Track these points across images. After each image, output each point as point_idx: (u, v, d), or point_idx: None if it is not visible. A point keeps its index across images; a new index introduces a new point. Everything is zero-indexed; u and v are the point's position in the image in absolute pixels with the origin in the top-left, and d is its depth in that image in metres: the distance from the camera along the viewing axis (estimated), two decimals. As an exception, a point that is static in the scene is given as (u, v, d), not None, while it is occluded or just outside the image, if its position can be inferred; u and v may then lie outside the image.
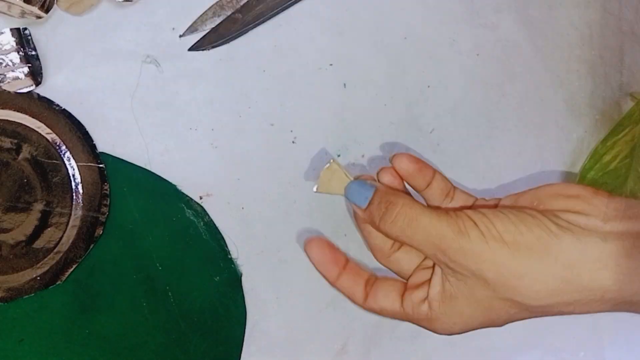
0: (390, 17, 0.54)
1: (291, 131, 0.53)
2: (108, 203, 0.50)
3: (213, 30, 0.51)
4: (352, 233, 0.54)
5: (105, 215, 0.50)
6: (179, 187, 0.51)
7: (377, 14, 0.54)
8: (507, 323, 0.40)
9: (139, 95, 0.51)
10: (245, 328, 0.52)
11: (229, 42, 0.51)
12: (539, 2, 0.56)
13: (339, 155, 0.53)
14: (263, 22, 0.51)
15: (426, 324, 0.41)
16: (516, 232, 0.37)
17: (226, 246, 0.52)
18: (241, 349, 0.52)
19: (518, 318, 0.39)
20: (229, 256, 0.52)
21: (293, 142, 0.53)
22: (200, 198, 0.52)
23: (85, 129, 0.50)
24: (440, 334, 0.41)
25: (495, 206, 0.43)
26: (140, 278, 0.50)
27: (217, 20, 0.51)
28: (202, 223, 0.51)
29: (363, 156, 0.54)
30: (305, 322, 0.53)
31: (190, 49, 0.51)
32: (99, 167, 0.50)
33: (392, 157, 0.44)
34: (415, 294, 0.41)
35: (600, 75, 0.57)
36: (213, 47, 0.51)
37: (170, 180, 0.51)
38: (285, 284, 0.53)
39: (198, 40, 0.51)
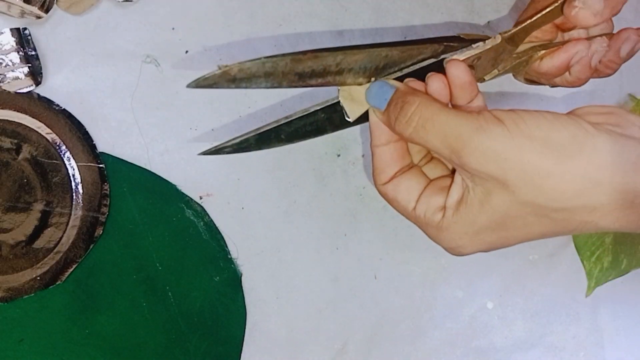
0: (390, 17, 0.54)
1: (291, 131, 0.53)
2: (108, 203, 0.50)
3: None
4: (352, 233, 0.54)
5: (105, 215, 0.50)
6: (179, 187, 0.51)
7: (377, 14, 0.54)
8: (520, 241, 0.37)
9: (139, 95, 0.51)
10: (245, 328, 0.52)
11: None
12: (539, 2, 0.56)
13: (339, 155, 0.53)
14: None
15: (434, 232, 0.38)
16: (550, 129, 0.34)
17: (226, 246, 0.52)
18: (241, 349, 0.52)
19: (534, 231, 0.36)
20: (229, 256, 0.52)
21: (293, 142, 0.53)
22: (200, 198, 0.52)
23: (85, 129, 0.50)
24: (446, 247, 0.39)
25: None
26: (140, 278, 0.50)
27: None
28: (202, 223, 0.51)
29: (363, 156, 0.54)
30: (305, 322, 0.53)
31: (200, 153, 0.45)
32: (99, 167, 0.50)
33: (448, 62, 0.40)
34: (434, 199, 0.38)
35: (600, 75, 0.57)
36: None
37: (170, 180, 0.51)
38: (285, 284, 0.53)
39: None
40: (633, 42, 0.45)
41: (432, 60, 0.41)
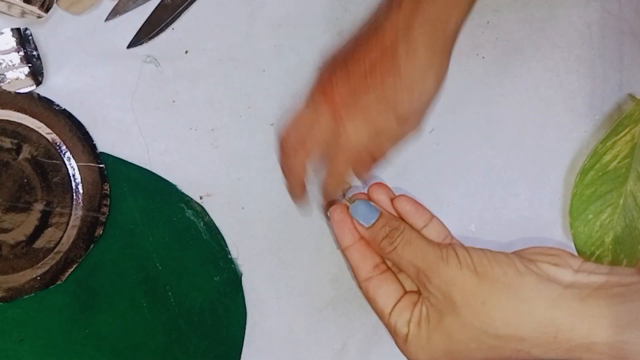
0: (390, 17, 0.54)
1: (291, 131, 0.53)
2: (108, 203, 0.50)
3: (146, 22, 0.50)
4: (352, 233, 0.54)
5: (105, 215, 0.50)
6: (179, 187, 0.51)
7: (377, 14, 0.54)
8: None
9: (139, 95, 0.51)
10: (245, 328, 0.52)
11: (164, 30, 0.51)
12: (538, 1, 0.56)
13: (339, 155, 0.53)
14: (193, 2, 0.51)
15: (401, 344, 0.44)
16: (487, 266, 0.42)
17: (226, 246, 0.52)
18: (241, 349, 0.52)
19: (476, 357, 0.42)
20: (229, 256, 0.52)
21: (293, 142, 0.53)
22: (200, 198, 0.52)
23: (85, 129, 0.50)
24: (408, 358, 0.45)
25: None
26: (140, 278, 0.50)
27: (140, 3, 0.50)
28: (202, 223, 0.51)
29: (363, 156, 0.54)
30: (305, 322, 0.53)
31: (128, 47, 0.50)
32: (99, 167, 0.50)
33: (393, 199, 0.48)
34: (404, 313, 0.44)
35: (600, 75, 0.57)
36: (149, 39, 0.50)
37: (170, 180, 0.51)
38: (285, 284, 0.53)
39: (134, 37, 0.50)
40: None
41: None
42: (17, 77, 0.48)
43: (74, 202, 0.49)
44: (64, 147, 0.49)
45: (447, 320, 0.42)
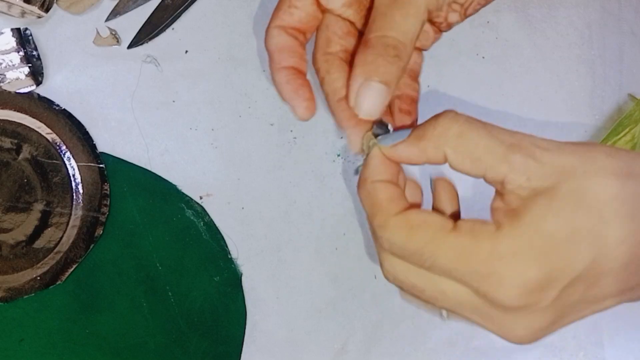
0: (390, 17, 0.54)
1: (291, 131, 0.53)
2: (108, 203, 0.50)
3: (146, 22, 0.50)
4: (351, 232, 0.54)
5: (105, 215, 0.50)
6: (179, 187, 0.51)
7: (377, 14, 0.54)
8: (584, 262, 0.31)
9: (139, 95, 0.51)
10: (245, 328, 0.52)
11: (164, 30, 0.51)
12: (538, 1, 0.56)
13: (338, 155, 0.53)
14: (193, 2, 0.51)
15: (488, 247, 0.30)
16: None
17: (226, 246, 0.52)
18: (241, 349, 0.52)
19: (610, 237, 0.31)
20: (229, 256, 0.52)
21: (293, 142, 0.53)
22: (200, 198, 0.52)
23: (85, 129, 0.50)
24: (500, 279, 0.31)
25: None
26: (140, 278, 0.50)
27: (140, 3, 0.50)
28: (202, 223, 0.51)
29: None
30: (305, 322, 0.53)
31: (128, 47, 0.50)
32: (99, 167, 0.50)
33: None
34: (475, 219, 0.32)
35: (600, 75, 0.57)
36: (150, 39, 0.50)
37: (170, 180, 0.51)
38: (285, 284, 0.53)
39: (134, 37, 0.50)
40: None
41: None
42: (17, 77, 0.48)
43: (74, 202, 0.49)
44: (64, 147, 0.49)
45: (565, 188, 0.30)
